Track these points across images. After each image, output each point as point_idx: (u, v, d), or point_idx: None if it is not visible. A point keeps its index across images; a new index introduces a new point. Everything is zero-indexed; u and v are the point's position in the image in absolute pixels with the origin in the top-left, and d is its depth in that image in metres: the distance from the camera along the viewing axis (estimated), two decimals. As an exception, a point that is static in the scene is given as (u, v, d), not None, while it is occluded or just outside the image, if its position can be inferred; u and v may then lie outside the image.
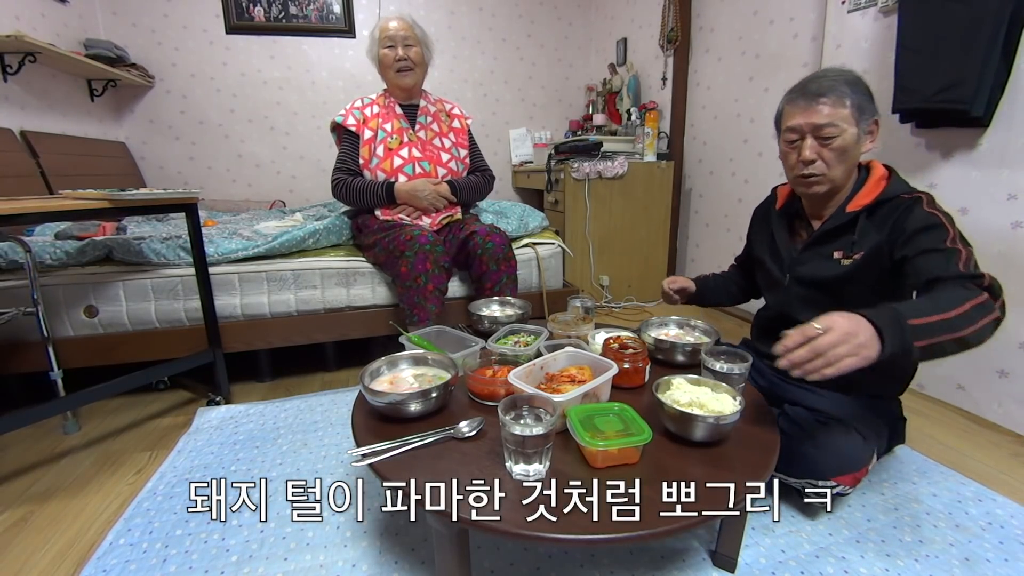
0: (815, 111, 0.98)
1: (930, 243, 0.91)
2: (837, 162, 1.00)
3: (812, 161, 1.00)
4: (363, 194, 1.67)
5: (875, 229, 1.00)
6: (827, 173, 1.01)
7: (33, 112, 2.21)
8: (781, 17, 2.09)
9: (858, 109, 0.97)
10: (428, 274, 1.51)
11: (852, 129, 0.97)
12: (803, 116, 0.99)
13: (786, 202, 1.19)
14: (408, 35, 1.66)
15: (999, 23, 1.26)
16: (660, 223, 2.68)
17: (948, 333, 0.78)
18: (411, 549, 0.97)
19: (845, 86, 0.97)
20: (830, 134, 0.97)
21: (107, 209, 1.24)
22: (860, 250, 1.01)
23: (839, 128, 0.97)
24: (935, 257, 0.90)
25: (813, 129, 0.99)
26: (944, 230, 0.92)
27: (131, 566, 0.94)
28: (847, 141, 0.98)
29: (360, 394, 0.94)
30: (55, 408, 1.30)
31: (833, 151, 0.99)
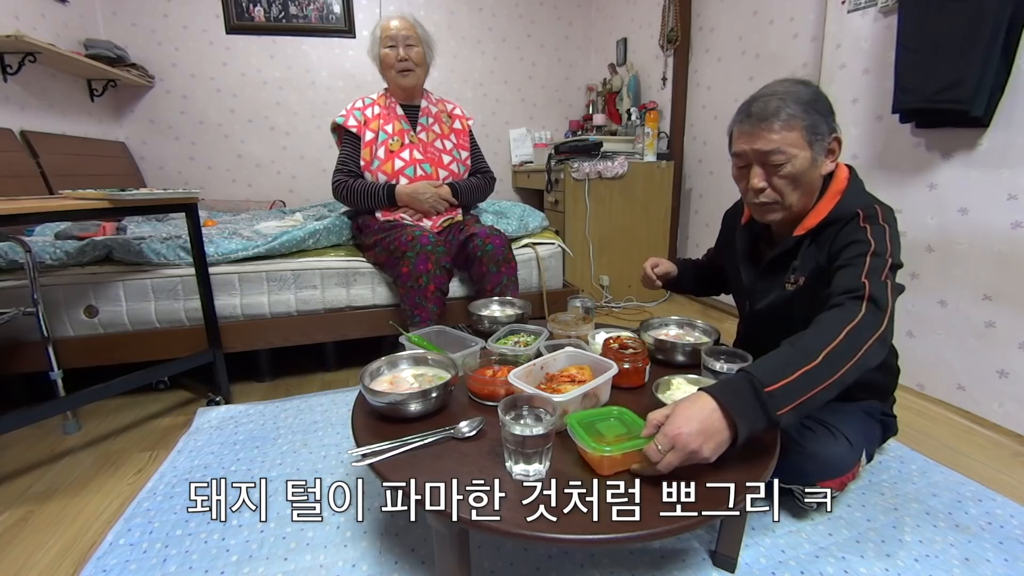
0: (759, 136, 0.90)
1: (845, 258, 0.87)
2: (790, 189, 0.93)
3: (761, 189, 0.94)
4: (364, 196, 1.67)
5: (816, 252, 0.96)
6: (780, 200, 0.94)
7: (33, 112, 2.21)
8: (781, 17, 2.09)
9: (810, 131, 0.88)
10: (429, 275, 1.51)
11: (804, 153, 0.89)
12: (747, 141, 0.92)
13: (750, 218, 1.12)
14: (410, 35, 1.65)
15: (999, 23, 1.26)
16: (660, 223, 2.68)
17: (816, 385, 0.73)
18: (411, 549, 0.97)
19: (794, 106, 0.88)
20: (778, 161, 0.90)
21: (107, 209, 1.24)
22: (802, 275, 0.98)
23: (787, 154, 0.89)
24: (841, 274, 0.86)
25: (759, 156, 0.91)
26: (864, 244, 0.87)
27: (131, 566, 0.94)
28: (798, 167, 0.90)
29: (360, 394, 0.94)
30: (55, 408, 1.30)
31: (783, 178, 0.91)
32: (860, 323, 0.77)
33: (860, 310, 0.78)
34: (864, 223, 0.90)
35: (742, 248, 1.13)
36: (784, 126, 0.88)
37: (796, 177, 0.91)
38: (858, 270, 0.84)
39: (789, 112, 0.88)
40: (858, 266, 0.84)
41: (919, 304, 1.59)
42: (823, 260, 0.94)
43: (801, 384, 0.73)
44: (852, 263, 0.86)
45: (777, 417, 0.72)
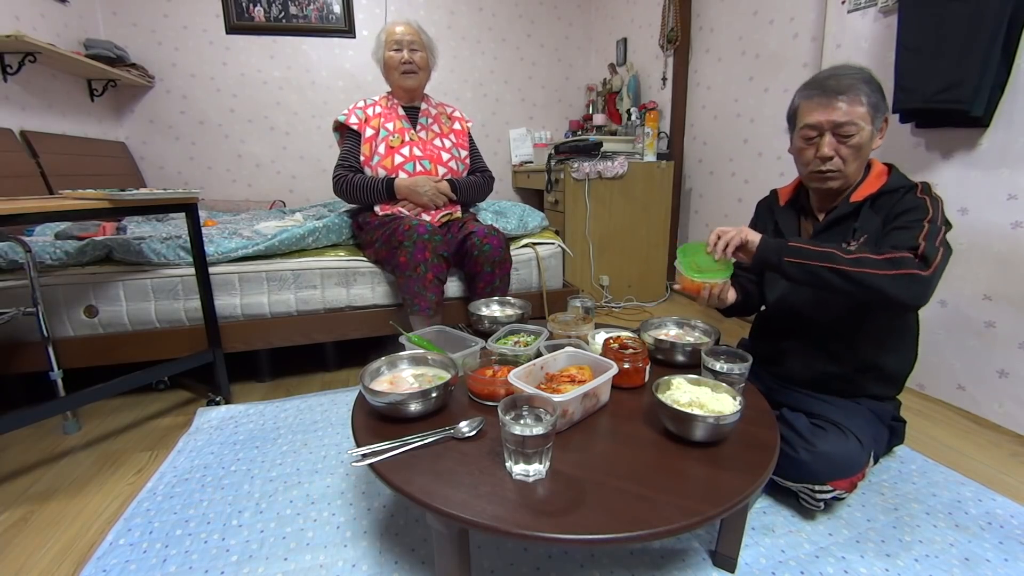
0: (835, 108, 0.99)
1: (904, 221, 0.98)
2: (853, 159, 1.02)
3: (830, 158, 1.02)
4: (364, 190, 1.68)
5: (875, 216, 1.04)
6: (843, 169, 1.03)
7: (33, 112, 2.21)
8: (781, 17, 2.09)
9: (874, 108, 0.99)
10: (427, 263, 1.51)
11: (868, 127, 1.00)
12: (823, 113, 1.01)
13: (790, 199, 1.22)
14: (415, 40, 1.69)
15: (999, 23, 1.26)
16: (660, 223, 2.68)
17: (824, 261, 0.92)
18: (411, 549, 0.97)
19: (863, 84, 0.99)
20: (848, 132, 0.99)
21: (107, 209, 1.24)
22: (863, 234, 1.04)
23: (857, 126, 0.99)
24: (899, 233, 0.96)
25: (833, 127, 1.00)
26: (924, 210, 0.97)
27: (131, 566, 0.94)
28: (863, 139, 1.00)
29: (360, 394, 0.94)
30: (55, 408, 1.30)
31: (850, 148, 1.01)
32: (904, 258, 0.90)
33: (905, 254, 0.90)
34: (922, 194, 1.00)
35: (787, 224, 1.20)
36: (855, 100, 0.98)
37: (860, 148, 1.01)
38: (915, 232, 0.94)
39: (860, 88, 0.98)
40: (915, 228, 0.94)
41: (919, 304, 1.59)
42: (882, 222, 1.03)
43: (820, 255, 0.93)
44: (910, 226, 0.96)
45: (783, 260, 0.96)
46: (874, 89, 1.00)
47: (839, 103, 0.99)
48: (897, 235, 0.97)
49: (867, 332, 1.07)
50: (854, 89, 0.98)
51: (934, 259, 0.90)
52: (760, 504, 1.07)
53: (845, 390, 1.10)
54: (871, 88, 0.99)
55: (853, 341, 1.08)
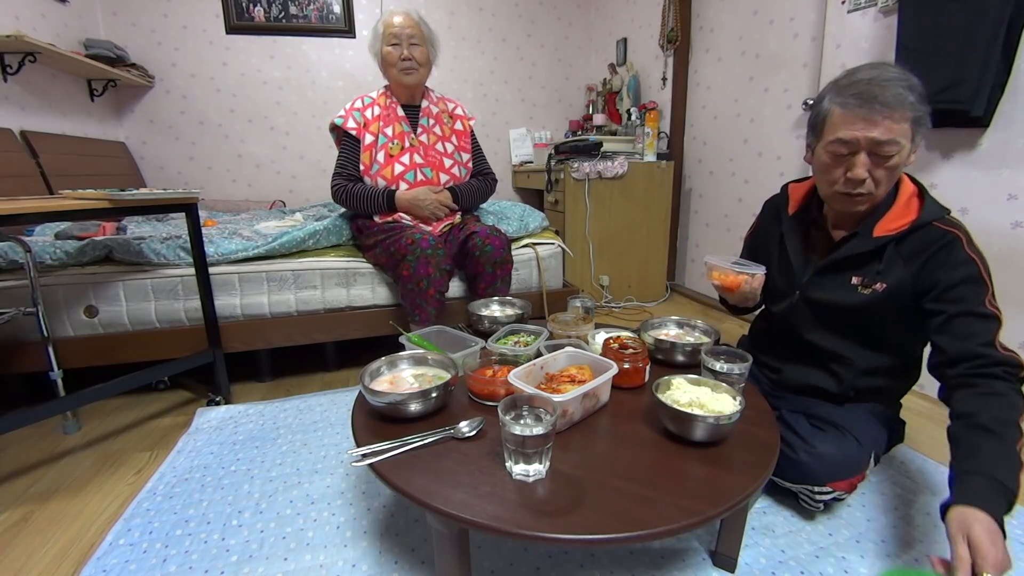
0: (877, 124, 0.85)
1: (970, 303, 0.85)
2: (887, 180, 0.90)
3: (864, 180, 0.89)
4: (364, 202, 1.64)
5: (903, 261, 0.92)
6: (874, 192, 0.91)
7: (33, 112, 2.21)
8: (781, 17, 2.09)
9: (916, 122, 0.86)
10: (430, 278, 1.51)
11: (908, 145, 0.87)
12: (862, 128, 0.86)
13: (801, 207, 1.09)
14: (414, 33, 1.60)
15: (999, 23, 1.26)
16: (660, 223, 2.68)
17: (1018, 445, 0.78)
18: (411, 549, 0.97)
19: (910, 94, 0.84)
20: (888, 152, 0.86)
21: (107, 209, 1.24)
22: (883, 282, 0.94)
23: (899, 145, 0.85)
24: (975, 324, 0.85)
25: (871, 145, 0.86)
26: (983, 285, 0.86)
27: (131, 566, 0.94)
28: (902, 158, 0.88)
29: (360, 394, 0.94)
30: (55, 408, 1.30)
31: (887, 169, 0.88)
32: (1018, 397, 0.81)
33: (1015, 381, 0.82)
34: (969, 250, 0.88)
35: (793, 238, 1.09)
36: (902, 116, 0.84)
37: (895, 169, 0.89)
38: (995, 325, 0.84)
39: (908, 101, 0.84)
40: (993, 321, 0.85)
41: (919, 304, 1.59)
42: (914, 272, 0.91)
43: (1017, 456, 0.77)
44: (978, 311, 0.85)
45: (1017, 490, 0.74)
46: (920, 99, 0.85)
47: (882, 118, 0.84)
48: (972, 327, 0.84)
49: (870, 358, 1.02)
50: (901, 101, 0.83)
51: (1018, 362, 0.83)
52: (760, 504, 1.07)
53: (843, 401, 1.07)
54: (917, 98, 0.84)
55: (854, 365, 1.03)
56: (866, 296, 0.96)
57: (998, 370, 0.82)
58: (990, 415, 0.79)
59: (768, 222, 1.19)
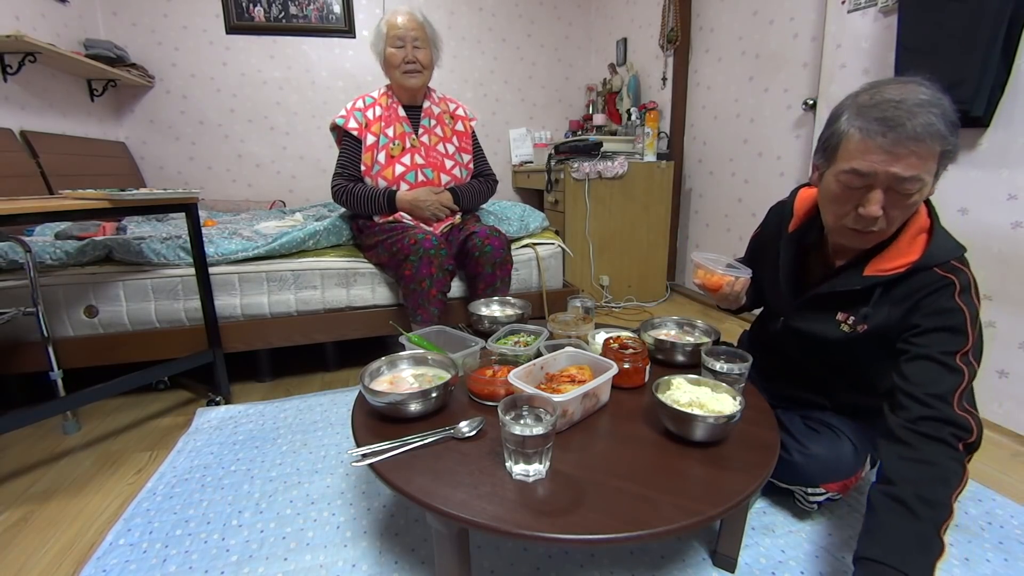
0: (901, 159, 0.73)
1: (937, 348, 0.78)
2: (902, 219, 0.80)
3: (878, 218, 0.78)
4: (364, 202, 1.64)
5: (890, 304, 0.85)
6: (886, 229, 0.81)
7: (33, 112, 2.21)
8: (781, 17, 2.09)
9: (945, 157, 0.75)
10: (432, 278, 1.51)
11: (931, 181, 0.76)
12: (885, 162, 0.74)
13: (802, 226, 1.01)
14: (418, 35, 1.59)
15: (999, 23, 1.26)
16: (660, 223, 2.68)
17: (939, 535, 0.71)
18: (411, 549, 0.97)
19: (942, 124, 0.71)
20: (911, 190, 0.75)
21: (107, 209, 1.24)
22: (866, 324, 0.87)
23: (923, 182, 0.74)
24: (934, 371, 0.77)
25: (891, 181, 0.75)
26: (963, 338, 0.77)
27: (131, 566, 0.94)
28: (923, 196, 0.77)
29: (360, 394, 0.94)
30: (55, 408, 1.30)
31: (903, 208, 0.78)
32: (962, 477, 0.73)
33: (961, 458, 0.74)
34: (959, 299, 0.78)
35: (787, 260, 1.02)
36: (930, 151, 0.72)
37: (912, 208, 0.79)
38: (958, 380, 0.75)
39: (941, 133, 0.71)
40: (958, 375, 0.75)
41: (919, 304, 1.59)
42: (898, 316, 0.83)
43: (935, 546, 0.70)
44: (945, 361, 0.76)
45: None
46: (951, 128, 0.73)
47: (908, 152, 0.72)
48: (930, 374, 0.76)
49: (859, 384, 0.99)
50: (932, 133, 0.71)
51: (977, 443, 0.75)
52: (760, 504, 1.07)
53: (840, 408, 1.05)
54: (948, 128, 0.72)
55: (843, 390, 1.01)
56: (845, 334, 0.91)
57: (944, 431, 0.73)
58: (913, 490, 0.71)
59: (770, 231, 1.12)
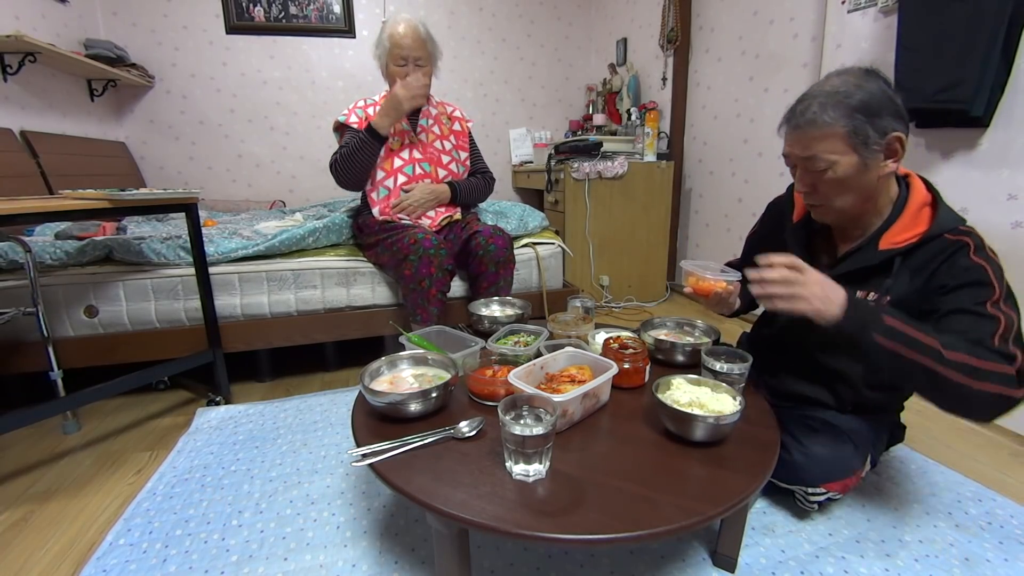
0: (798, 141, 0.89)
1: (968, 302, 0.80)
2: (836, 194, 0.89)
3: (808, 192, 0.92)
4: (352, 152, 1.59)
5: (910, 274, 0.88)
6: (828, 204, 0.91)
7: (33, 112, 2.21)
8: (781, 17, 2.09)
9: (854, 136, 0.84)
10: (432, 278, 1.51)
11: (847, 158, 0.85)
12: (789, 145, 0.91)
13: (804, 216, 1.06)
14: (421, 55, 1.61)
15: (999, 23, 1.26)
16: (660, 223, 2.68)
17: (921, 355, 0.75)
18: (411, 549, 0.97)
19: (832, 109, 0.83)
20: (818, 167, 0.87)
21: (107, 209, 1.24)
22: (889, 295, 0.90)
23: (827, 160, 0.86)
24: (967, 320, 0.79)
25: (800, 161, 0.90)
26: (990, 289, 0.80)
27: (131, 566, 0.94)
28: (841, 172, 0.86)
29: (360, 394, 0.94)
30: (55, 408, 1.30)
31: (826, 183, 0.88)
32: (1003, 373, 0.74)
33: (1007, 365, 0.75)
34: (975, 256, 0.83)
35: (796, 246, 1.05)
36: (820, 134, 0.85)
37: (841, 182, 0.87)
38: (990, 323, 0.78)
39: (826, 119, 0.84)
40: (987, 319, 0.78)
41: (919, 304, 1.59)
42: (919, 286, 0.87)
43: (912, 343, 0.76)
44: (977, 311, 0.79)
45: (872, 337, 0.78)
46: (853, 111, 0.83)
47: (800, 137, 0.87)
48: (960, 321, 0.80)
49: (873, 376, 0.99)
50: (819, 119, 0.84)
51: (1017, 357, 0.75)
52: (760, 504, 1.07)
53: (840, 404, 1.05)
54: (845, 112, 0.83)
55: (856, 383, 1.00)
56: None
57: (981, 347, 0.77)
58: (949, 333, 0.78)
59: (770, 225, 1.16)
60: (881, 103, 0.84)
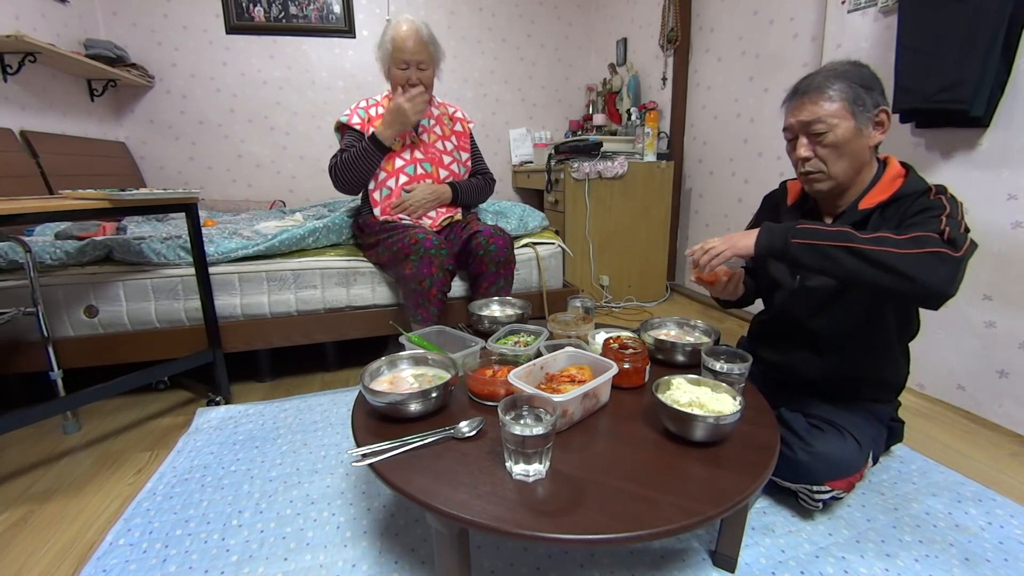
0: (802, 109, 0.99)
1: (920, 218, 0.92)
2: (834, 158, 0.99)
3: (808, 159, 1.00)
4: (353, 159, 1.59)
5: (884, 223, 0.99)
6: (825, 170, 1.00)
7: (33, 112, 2.21)
8: (781, 17, 2.09)
9: (853, 102, 0.95)
10: (432, 278, 1.51)
11: (846, 123, 0.96)
12: (793, 115, 1.01)
13: (798, 199, 1.17)
14: (423, 59, 1.59)
15: (999, 23, 1.26)
16: (660, 223, 2.68)
17: (835, 240, 0.86)
18: (411, 549, 0.97)
19: (835, 80, 0.96)
20: (819, 130, 0.97)
21: (107, 209, 1.24)
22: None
23: (828, 124, 0.96)
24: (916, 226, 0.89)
25: (803, 127, 0.99)
26: (940, 207, 0.90)
27: (131, 566, 0.94)
28: (840, 136, 0.96)
29: (360, 394, 0.94)
30: (55, 408, 1.30)
31: (827, 148, 0.98)
32: (929, 236, 0.83)
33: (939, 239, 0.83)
34: (937, 195, 0.95)
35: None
36: (824, 98, 0.96)
37: (839, 145, 0.98)
38: (936, 224, 0.87)
39: (829, 85, 0.96)
40: (934, 222, 0.88)
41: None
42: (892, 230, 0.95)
43: (833, 234, 0.87)
44: (928, 220, 0.89)
45: (791, 243, 0.89)
46: (852, 83, 0.96)
47: (805, 104, 0.98)
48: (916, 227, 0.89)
49: (864, 344, 1.05)
50: (820, 87, 0.97)
51: (962, 243, 0.82)
52: (760, 504, 1.07)
53: (842, 395, 1.09)
54: (845, 83, 0.96)
55: (849, 352, 1.06)
56: None
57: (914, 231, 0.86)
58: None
59: (768, 216, 1.23)
60: (872, 80, 0.99)
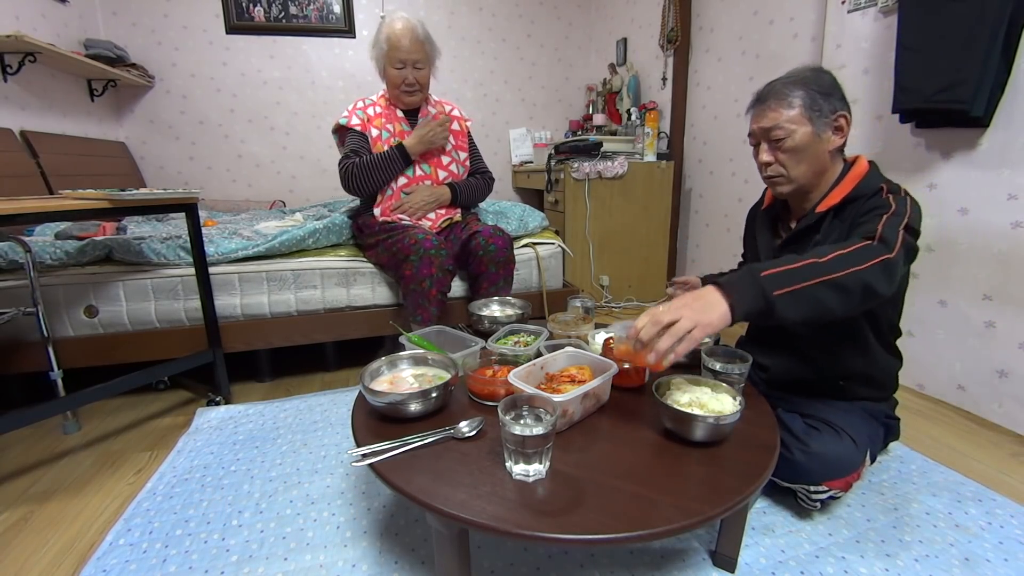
0: (763, 115, 1.02)
1: (864, 220, 0.94)
2: (794, 163, 1.01)
3: (769, 163, 1.04)
4: (376, 166, 1.61)
5: (840, 225, 1.01)
6: (786, 173, 1.03)
7: (33, 112, 2.21)
8: (781, 17, 2.09)
9: (809, 108, 0.98)
10: (432, 278, 1.51)
11: (804, 128, 0.98)
12: (755, 121, 1.04)
13: (771, 203, 1.21)
14: (419, 57, 1.61)
15: (999, 23, 1.25)
16: (660, 223, 2.68)
17: (809, 278, 0.81)
18: (411, 549, 0.97)
19: (794, 87, 0.99)
20: (778, 136, 1.00)
21: (107, 209, 1.24)
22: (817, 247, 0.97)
23: (786, 130, 0.99)
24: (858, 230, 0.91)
25: (764, 133, 1.03)
26: (885, 208, 0.93)
27: (131, 566, 0.94)
28: (799, 141, 0.99)
29: (360, 394, 0.94)
30: (55, 408, 1.30)
31: (786, 152, 1.01)
32: (866, 247, 0.85)
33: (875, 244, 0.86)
34: (887, 195, 0.96)
35: (763, 228, 1.20)
36: (781, 104, 0.99)
37: (797, 150, 1.00)
38: (874, 224, 0.89)
39: (786, 92, 0.99)
40: (874, 222, 0.90)
41: (919, 304, 1.59)
42: (844, 232, 0.99)
43: (800, 271, 0.82)
44: (870, 221, 0.92)
45: (773, 297, 0.79)
46: (811, 88, 0.98)
47: (764, 110, 1.01)
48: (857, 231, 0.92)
49: (845, 343, 1.05)
50: (779, 94, 0.99)
51: (895, 241, 0.86)
52: (760, 504, 1.07)
53: (834, 395, 1.09)
54: (804, 90, 0.98)
55: (834, 352, 1.06)
56: None
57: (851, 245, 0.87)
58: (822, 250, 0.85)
59: (748, 229, 1.30)
60: (832, 87, 1.00)
